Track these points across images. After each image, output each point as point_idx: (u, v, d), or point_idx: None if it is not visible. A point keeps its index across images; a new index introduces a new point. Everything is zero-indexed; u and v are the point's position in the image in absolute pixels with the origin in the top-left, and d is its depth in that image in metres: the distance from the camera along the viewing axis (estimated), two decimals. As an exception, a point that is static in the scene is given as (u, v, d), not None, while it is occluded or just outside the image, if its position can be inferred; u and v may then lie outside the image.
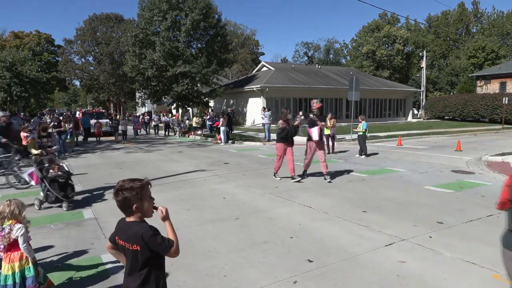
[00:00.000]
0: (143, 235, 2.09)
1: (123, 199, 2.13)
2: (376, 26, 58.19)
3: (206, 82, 28.07)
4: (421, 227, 5.23)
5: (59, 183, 6.51)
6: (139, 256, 2.12)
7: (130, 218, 2.18)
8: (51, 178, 6.51)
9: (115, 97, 47.81)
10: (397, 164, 10.93)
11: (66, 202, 6.43)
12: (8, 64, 35.10)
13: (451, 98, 34.44)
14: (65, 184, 6.60)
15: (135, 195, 2.13)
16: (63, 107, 63.02)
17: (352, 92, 17.61)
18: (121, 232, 2.19)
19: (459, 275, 3.77)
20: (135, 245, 2.10)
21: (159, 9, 25.86)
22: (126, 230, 2.16)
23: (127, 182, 2.16)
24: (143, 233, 2.09)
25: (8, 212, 3.17)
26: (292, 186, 8.10)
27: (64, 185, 6.56)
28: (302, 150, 10.15)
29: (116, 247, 2.28)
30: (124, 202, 2.14)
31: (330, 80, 34.51)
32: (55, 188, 6.47)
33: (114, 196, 2.18)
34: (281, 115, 8.86)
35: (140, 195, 2.15)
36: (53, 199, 6.48)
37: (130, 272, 2.18)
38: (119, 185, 2.17)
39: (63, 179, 6.58)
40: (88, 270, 3.97)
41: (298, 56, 74.02)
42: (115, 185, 2.21)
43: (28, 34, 55.14)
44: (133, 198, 2.13)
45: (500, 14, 56.41)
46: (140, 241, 2.09)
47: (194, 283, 3.71)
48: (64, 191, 6.52)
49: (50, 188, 6.44)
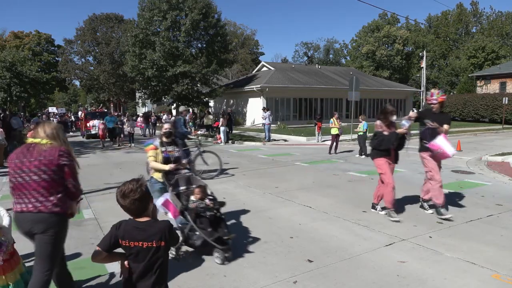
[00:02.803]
0: (169, 230, 2.15)
1: (136, 200, 2.12)
2: (376, 26, 58.17)
3: (206, 82, 28.09)
4: (421, 227, 5.23)
5: (207, 218, 4.31)
6: (160, 253, 2.13)
7: (143, 218, 2.18)
8: (196, 211, 4.34)
9: (115, 97, 47.80)
10: (397, 164, 10.91)
11: (221, 250, 4.12)
12: (8, 64, 35.12)
13: (451, 98, 34.42)
14: (216, 220, 4.40)
15: (149, 193, 2.19)
16: (62, 107, 62.92)
17: (352, 92, 17.61)
18: (135, 234, 2.13)
19: (459, 275, 3.77)
20: (160, 242, 2.12)
21: (159, 9, 25.89)
22: (145, 230, 2.13)
23: (133, 184, 2.15)
24: (169, 228, 2.16)
25: None
26: (292, 186, 8.07)
27: (215, 221, 4.38)
28: (302, 151, 10.08)
29: (108, 254, 2.21)
30: (137, 203, 2.13)
31: (330, 80, 34.51)
32: (203, 226, 4.26)
33: (122, 200, 2.14)
34: (380, 114, 5.95)
35: (150, 193, 2.20)
36: (199, 243, 4.24)
37: (144, 273, 2.13)
38: (128, 188, 2.13)
39: (213, 212, 4.38)
40: (88, 270, 3.97)
41: (298, 56, 74.12)
42: (117, 192, 2.18)
43: (28, 34, 55.10)
44: (146, 197, 2.16)
45: (499, 14, 56.42)
46: (165, 236, 2.13)
47: (194, 283, 3.71)
48: (216, 230, 4.29)
49: (196, 227, 4.22)
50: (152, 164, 4.77)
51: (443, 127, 5.66)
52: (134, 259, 2.15)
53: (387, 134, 5.65)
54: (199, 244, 4.23)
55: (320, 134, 17.75)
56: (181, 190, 4.71)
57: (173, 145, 4.96)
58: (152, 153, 4.79)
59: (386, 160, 5.75)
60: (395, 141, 5.64)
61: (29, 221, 2.86)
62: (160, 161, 4.76)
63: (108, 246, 2.19)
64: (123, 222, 2.20)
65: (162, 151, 4.81)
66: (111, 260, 2.31)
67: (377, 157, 5.79)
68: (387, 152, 5.73)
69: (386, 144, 5.62)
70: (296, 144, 17.57)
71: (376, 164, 5.84)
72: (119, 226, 2.18)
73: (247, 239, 4.90)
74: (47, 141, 2.93)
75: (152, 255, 2.12)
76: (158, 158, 4.78)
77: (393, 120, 5.80)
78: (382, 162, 5.73)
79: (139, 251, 2.12)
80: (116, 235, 2.17)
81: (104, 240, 2.21)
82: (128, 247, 2.14)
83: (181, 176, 4.77)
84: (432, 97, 5.79)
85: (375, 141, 5.78)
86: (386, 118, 5.76)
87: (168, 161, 4.77)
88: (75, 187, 3.02)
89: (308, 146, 16.79)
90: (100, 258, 2.23)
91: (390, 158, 5.81)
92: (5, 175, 10.20)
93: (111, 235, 2.18)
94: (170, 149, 4.89)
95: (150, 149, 4.81)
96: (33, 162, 2.85)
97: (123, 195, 2.13)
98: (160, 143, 4.89)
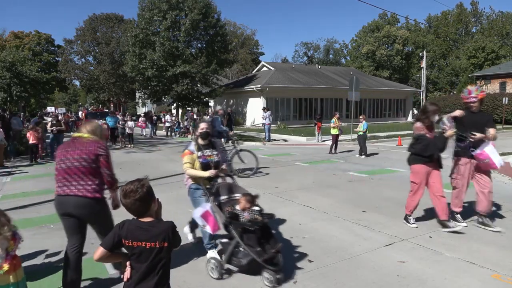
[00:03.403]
0: (172, 231, 2.15)
1: (137, 200, 2.11)
2: (376, 26, 58.18)
3: (206, 82, 28.10)
4: (421, 227, 5.23)
5: (254, 233, 3.63)
6: (162, 254, 2.12)
7: (147, 218, 2.17)
8: (243, 225, 3.67)
9: (115, 97, 47.80)
10: (397, 164, 10.92)
11: (272, 271, 3.52)
12: (8, 64, 35.10)
13: (451, 98, 34.41)
14: (265, 234, 3.72)
15: (151, 194, 2.18)
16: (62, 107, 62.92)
17: (352, 92, 17.63)
18: (138, 234, 2.13)
19: (459, 275, 3.77)
20: (163, 242, 2.11)
21: (159, 9, 25.91)
22: (148, 230, 2.13)
23: (135, 185, 2.15)
24: (172, 229, 2.16)
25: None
26: (292, 186, 8.07)
27: (263, 237, 3.70)
28: (302, 151, 10.06)
29: (111, 253, 2.20)
30: (138, 204, 2.12)
31: (330, 80, 34.52)
32: (251, 243, 3.60)
33: (124, 200, 2.14)
34: (420, 113, 5.25)
35: (152, 194, 2.20)
36: (245, 262, 3.60)
37: (146, 274, 2.12)
38: (129, 188, 2.13)
39: (259, 225, 3.68)
40: (88, 270, 3.97)
41: (298, 56, 74.12)
42: (120, 191, 2.19)
43: (28, 34, 55.07)
44: (149, 196, 2.16)
45: (499, 14, 56.43)
46: (168, 237, 2.13)
47: (194, 283, 3.71)
48: (263, 247, 3.62)
49: (243, 244, 3.58)
50: (188, 171, 4.20)
51: (489, 132, 4.95)
52: (136, 260, 2.14)
53: (432, 138, 4.96)
54: (245, 263, 3.61)
55: (320, 134, 17.76)
56: (222, 200, 4.06)
57: (210, 148, 4.35)
58: (188, 159, 4.20)
59: (427, 168, 5.03)
60: (442, 146, 4.90)
61: (72, 204, 3.28)
62: (197, 168, 4.20)
63: (111, 245, 2.18)
64: (126, 221, 2.20)
65: (198, 156, 4.23)
66: (114, 259, 2.31)
67: (417, 163, 5.06)
68: (430, 158, 5.00)
69: (432, 149, 4.90)
70: (296, 144, 17.58)
71: (414, 170, 5.13)
72: (123, 226, 2.18)
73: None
74: (88, 135, 3.47)
75: (154, 256, 2.11)
76: (195, 164, 4.20)
77: (435, 121, 5.06)
78: (422, 170, 5.03)
79: (142, 251, 2.11)
80: (119, 235, 2.16)
81: (107, 239, 2.21)
82: (131, 247, 2.13)
83: (222, 184, 4.19)
84: (471, 95, 5.06)
85: (418, 146, 5.01)
86: (427, 119, 5.02)
87: (207, 167, 4.19)
88: (110, 176, 3.46)
89: (308, 146, 16.79)
90: (103, 257, 2.22)
91: (433, 164, 5.05)
92: (5, 175, 10.21)
93: (115, 234, 2.18)
94: (208, 153, 4.29)
95: (185, 155, 4.26)
96: (76, 151, 3.35)
97: (124, 194, 2.13)
98: (196, 147, 4.30)
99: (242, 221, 3.73)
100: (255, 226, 3.63)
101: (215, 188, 4.06)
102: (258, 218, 3.75)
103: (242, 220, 3.74)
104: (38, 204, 6.93)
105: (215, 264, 3.77)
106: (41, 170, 11.12)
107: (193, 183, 4.32)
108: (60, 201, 3.34)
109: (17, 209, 6.54)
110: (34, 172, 10.79)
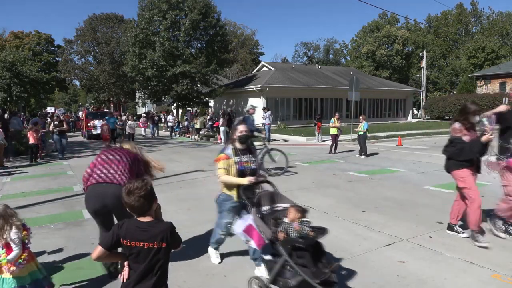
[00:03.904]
0: (171, 231, 2.16)
1: (141, 197, 2.12)
2: (376, 26, 58.20)
3: (206, 82, 28.11)
4: (421, 227, 5.23)
5: (307, 251, 3.03)
6: (160, 254, 2.13)
7: (146, 218, 2.17)
8: (294, 242, 3.04)
9: (115, 97, 47.81)
10: (397, 164, 10.92)
11: None
12: (8, 64, 35.15)
13: (451, 98, 34.42)
14: (317, 252, 3.13)
15: (153, 192, 2.20)
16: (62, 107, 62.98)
17: (352, 92, 17.62)
18: (136, 234, 2.13)
19: (459, 275, 3.77)
20: (161, 243, 2.11)
21: (159, 9, 25.92)
22: (147, 230, 2.13)
23: (139, 182, 2.16)
24: (171, 229, 2.16)
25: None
26: (293, 186, 8.07)
27: (316, 254, 3.10)
28: (302, 151, 10.03)
29: (109, 252, 2.20)
30: (142, 201, 2.13)
31: (330, 80, 34.51)
32: (304, 261, 2.98)
33: (127, 197, 2.14)
34: (459, 114, 4.81)
35: (154, 193, 2.21)
36: (294, 283, 2.91)
37: (144, 275, 2.12)
38: (134, 186, 2.14)
39: (310, 242, 3.09)
40: (88, 270, 3.97)
41: (298, 56, 74.11)
42: (123, 189, 2.19)
43: (28, 34, 55.04)
44: (150, 195, 2.17)
45: (499, 14, 56.46)
46: (167, 238, 2.13)
47: (194, 283, 3.71)
48: (316, 266, 3.03)
49: (293, 264, 2.91)
50: (222, 178, 3.77)
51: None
52: (134, 260, 2.14)
53: (468, 142, 4.55)
54: (294, 285, 2.92)
55: (320, 134, 17.77)
56: (264, 211, 3.48)
57: (248, 154, 3.89)
58: (224, 165, 3.76)
59: (470, 171, 4.66)
60: (478, 151, 4.56)
61: (110, 192, 3.55)
62: (233, 174, 3.76)
63: (109, 244, 2.17)
64: (125, 221, 2.20)
65: (236, 162, 3.77)
66: (112, 259, 2.30)
67: (457, 169, 4.68)
68: (469, 162, 4.63)
69: (467, 154, 4.56)
70: (296, 144, 17.57)
71: (458, 176, 4.69)
72: (122, 225, 2.18)
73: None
74: (130, 147, 4.09)
75: (153, 256, 2.11)
76: (231, 171, 3.76)
77: (475, 122, 4.65)
78: (466, 174, 4.61)
79: (140, 251, 2.11)
80: (118, 234, 2.16)
81: (106, 238, 2.21)
82: (129, 247, 2.13)
83: (264, 193, 3.61)
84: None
85: (452, 150, 4.69)
86: (467, 120, 4.61)
87: (242, 175, 3.74)
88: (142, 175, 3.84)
89: (308, 146, 16.80)
90: (101, 256, 2.21)
91: (472, 167, 4.68)
92: (5, 175, 10.20)
93: (113, 233, 2.18)
94: (246, 159, 3.83)
95: (221, 160, 3.80)
96: (121, 151, 3.94)
97: (129, 192, 2.13)
98: (233, 152, 3.84)
99: (292, 236, 3.11)
100: (307, 243, 3.04)
101: (256, 198, 3.52)
102: (310, 234, 3.13)
103: (293, 236, 3.11)
104: (38, 204, 6.93)
105: (258, 284, 3.26)
106: (41, 170, 11.12)
107: (223, 192, 3.90)
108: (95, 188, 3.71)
109: (17, 209, 6.49)
110: (34, 172, 10.79)
